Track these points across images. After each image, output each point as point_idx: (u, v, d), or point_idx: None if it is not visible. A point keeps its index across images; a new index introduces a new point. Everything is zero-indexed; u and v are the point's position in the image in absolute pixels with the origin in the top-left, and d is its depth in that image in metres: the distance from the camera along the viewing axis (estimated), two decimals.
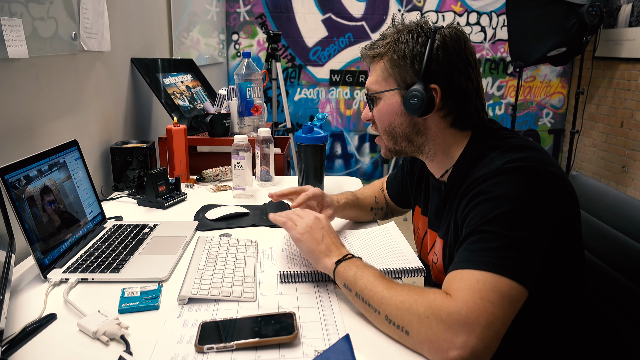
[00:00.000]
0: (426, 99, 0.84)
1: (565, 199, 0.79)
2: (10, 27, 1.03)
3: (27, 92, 1.14)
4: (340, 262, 0.84)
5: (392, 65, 0.89)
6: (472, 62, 0.88)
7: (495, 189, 0.76)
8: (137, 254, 1.03)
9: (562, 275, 0.82)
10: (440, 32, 0.85)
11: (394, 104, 0.90)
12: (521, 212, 0.73)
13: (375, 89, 0.92)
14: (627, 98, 3.44)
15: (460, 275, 0.72)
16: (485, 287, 0.68)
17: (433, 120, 0.90)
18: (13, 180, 0.89)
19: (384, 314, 0.74)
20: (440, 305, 0.68)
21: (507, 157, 0.79)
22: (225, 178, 1.67)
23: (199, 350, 0.70)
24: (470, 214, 0.77)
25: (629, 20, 3.35)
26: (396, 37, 0.88)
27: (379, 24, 4.01)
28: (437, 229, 0.97)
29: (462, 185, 0.84)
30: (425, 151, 0.94)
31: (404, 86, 0.88)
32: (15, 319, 0.80)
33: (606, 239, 1.03)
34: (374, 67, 0.93)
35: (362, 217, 1.26)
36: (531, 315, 0.77)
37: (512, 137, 0.86)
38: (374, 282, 0.77)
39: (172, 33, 2.40)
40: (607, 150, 3.66)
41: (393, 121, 0.92)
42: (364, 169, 4.33)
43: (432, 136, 0.91)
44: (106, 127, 1.60)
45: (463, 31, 0.89)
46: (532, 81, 4.15)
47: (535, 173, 0.76)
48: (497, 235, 0.72)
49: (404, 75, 0.88)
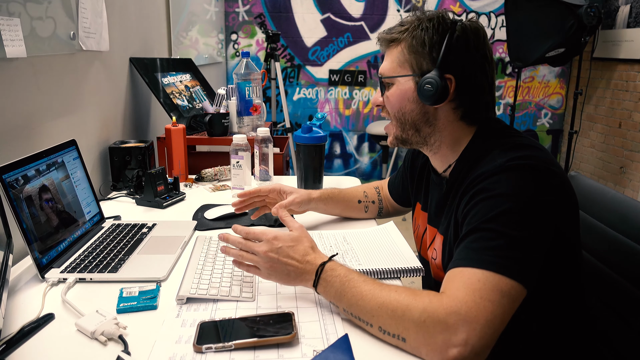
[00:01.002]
0: (440, 88, 0.84)
1: (565, 198, 0.79)
2: (9, 26, 1.02)
3: (25, 91, 1.14)
4: (317, 284, 0.80)
5: (410, 51, 0.88)
6: (488, 57, 0.88)
7: (497, 187, 0.75)
8: (135, 254, 1.03)
9: (560, 274, 0.83)
10: (461, 24, 0.86)
11: (407, 89, 0.90)
12: (523, 211, 0.73)
13: (390, 73, 0.92)
14: (625, 99, 3.44)
15: (460, 273, 0.72)
16: (485, 286, 0.68)
17: (443, 111, 0.89)
18: (11, 180, 0.88)
19: (376, 326, 0.73)
20: (437, 307, 0.68)
21: (510, 155, 0.79)
22: (224, 178, 1.67)
23: (198, 350, 0.70)
24: (472, 211, 0.77)
25: (627, 21, 3.36)
26: (417, 23, 0.87)
27: (378, 24, 4.01)
28: (437, 225, 0.97)
29: (464, 181, 0.84)
30: (430, 143, 0.93)
31: (419, 73, 0.87)
32: (13, 319, 0.80)
33: (604, 239, 1.03)
34: (390, 52, 0.92)
35: (350, 211, 1.25)
36: (528, 314, 0.77)
37: (516, 136, 0.86)
38: (358, 294, 0.75)
39: (170, 32, 2.40)
40: (605, 150, 3.67)
41: (404, 107, 0.91)
42: (362, 168, 4.33)
43: (440, 127, 0.91)
44: (105, 126, 1.60)
45: (483, 26, 0.89)
46: (530, 82, 4.15)
47: (537, 172, 0.76)
48: (499, 234, 0.72)
49: (420, 62, 0.87)
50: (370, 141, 4.25)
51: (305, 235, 0.87)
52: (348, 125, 4.23)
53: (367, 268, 0.95)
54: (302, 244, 0.85)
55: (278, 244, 0.84)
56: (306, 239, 0.87)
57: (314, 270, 0.81)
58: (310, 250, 0.85)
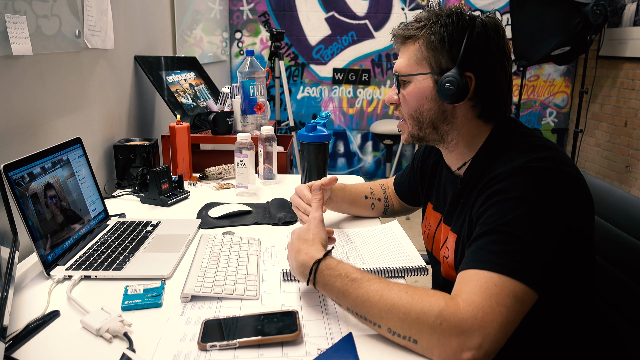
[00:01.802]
0: (461, 86, 0.82)
1: (581, 201, 0.78)
2: (15, 24, 1.03)
3: (31, 89, 1.14)
4: (315, 281, 0.79)
5: (428, 48, 0.86)
6: (508, 54, 0.86)
7: (515, 189, 0.74)
8: (140, 252, 1.03)
9: (573, 276, 0.82)
10: (481, 20, 0.84)
11: (425, 88, 0.88)
12: (540, 215, 0.72)
13: (407, 71, 0.89)
14: (631, 97, 3.42)
15: (476, 275, 0.70)
16: (502, 291, 0.68)
17: (462, 109, 0.88)
18: (17, 177, 0.89)
19: (385, 327, 0.71)
20: (454, 311, 0.67)
21: (527, 156, 0.77)
22: (228, 176, 1.67)
23: (202, 348, 0.70)
24: (488, 211, 0.76)
25: (634, 19, 3.34)
26: (435, 19, 0.85)
27: (382, 22, 4.00)
28: (450, 224, 0.96)
29: (480, 180, 0.83)
30: (447, 140, 0.92)
31: (438, 71, 0.85)
32: (18, 315, 0.80)
33: (611, 238, 1.02)
34: (406, 49, 0.89)
35: (356, 207, 1.25)
36: (536, 316, 0.76)
37: (533, 136, 0.85)
38: (363, 295, 0.73)
39: (175, 31, 2.40)
40: (610, 149, 3.65)
41: (422, 106, 0.89)
42: (366, 167, 4.32)
43: (457, 125, 0.89)
44: (109, 124, 1.60)
45: (501, 22, 0.87)
46: (535, 80, 4.13)
47: (555, 174, 0.75)
48: (515, 238, 0.71)
49: (439, 59, 0.85)
50: (374, 140, 4.25)
51: (314, 226, 0.88)
52: (352, 124, 4.23)
53: (372, 267, 0.95)
54: (306, 235, 0.86)
55: (292, 236, 0.89)
56: (312, 231, 0.87)
57: (309, 267, 0.80)
58: (308, 244, 0.84)
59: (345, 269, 0.77)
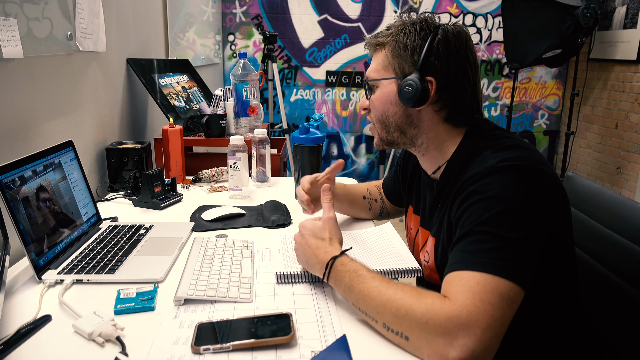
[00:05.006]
0: (420, 90, 0.85)
1: (557, 197, 0.80)
2: (5, 27, 1.02)
3: (22, 92, 1.14)
4: (329, 276, 0.84)
5: (393, 54, 0.90)
6: (471, 60, 0.89)
7: (490, 189, 0.76)
8: (132, 255, 1.02)
9: (554, 273, 0.83)
10: (444, 28, 0.87)
11: (389, 92, 0.91)
12: (516, 212, 0.73)
13: (374, 76, 0.93)
14: (621, 100, 3.46)
15: (459, 277, 0.72)
16: (485, 289, 0.68)
17: (427, 113, 0.90)
18: (8, 181, 0.88)
19: (381, 322, 0.74)
20: (439, 309, 0.68)
21: (500, 155, 0.79)
22: (222, 179, 1.67)
23: (195, 352, 0.70)
24: (465, 213, 0.78)
25: (624, 22, 3.37)
26: (400, 27, 0.89)
27: (375, 25, 4.01)
28: (429, 228, 0.98)
29: (455, 183, 0.85)
30: (417, 144, 0.95)
31: (401, 75, 0.89)
32: (9, 320, 0.79)
33: (601, 239, 1.03)
34: (376, 56, 0.94)
35: (355, 208, 1.26)
36: (523, 315, 0.77)
37: (506, 137, 0.86)
38: (365, 290, 0.76)
39: (168, 34, 2.40)
40: (601, 151, 3.68)
41: (387, 110, 0.93)
42: (360, 170, 4.33)
43: (425, 129, 0.92)
44: (102, 127, 1.59)
45: (466, 30, 0.90)
46: (527, 82, 4.16)
47: (529, 172, 0.76)
48: (494, 236, 0.72)
49: (402, 65, 0.89)
50: (367, 142, 4.25)
51: (330, 226, 0.91)
52: (345, 126, 4.23)
53: None
54: (322, 234, 0.89)
55: (304, 231, 0.91)
56: (329, 230, 0.90)
57: (325, 263, 0.84)
58: (327, 242, 0.88)
59: (355, 266, 0.81)
